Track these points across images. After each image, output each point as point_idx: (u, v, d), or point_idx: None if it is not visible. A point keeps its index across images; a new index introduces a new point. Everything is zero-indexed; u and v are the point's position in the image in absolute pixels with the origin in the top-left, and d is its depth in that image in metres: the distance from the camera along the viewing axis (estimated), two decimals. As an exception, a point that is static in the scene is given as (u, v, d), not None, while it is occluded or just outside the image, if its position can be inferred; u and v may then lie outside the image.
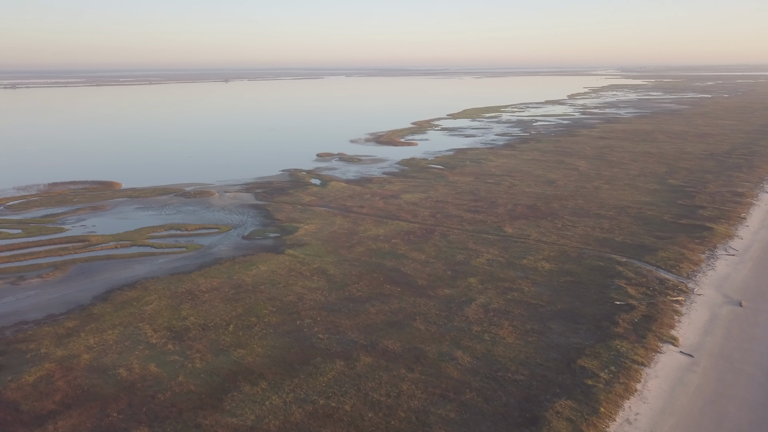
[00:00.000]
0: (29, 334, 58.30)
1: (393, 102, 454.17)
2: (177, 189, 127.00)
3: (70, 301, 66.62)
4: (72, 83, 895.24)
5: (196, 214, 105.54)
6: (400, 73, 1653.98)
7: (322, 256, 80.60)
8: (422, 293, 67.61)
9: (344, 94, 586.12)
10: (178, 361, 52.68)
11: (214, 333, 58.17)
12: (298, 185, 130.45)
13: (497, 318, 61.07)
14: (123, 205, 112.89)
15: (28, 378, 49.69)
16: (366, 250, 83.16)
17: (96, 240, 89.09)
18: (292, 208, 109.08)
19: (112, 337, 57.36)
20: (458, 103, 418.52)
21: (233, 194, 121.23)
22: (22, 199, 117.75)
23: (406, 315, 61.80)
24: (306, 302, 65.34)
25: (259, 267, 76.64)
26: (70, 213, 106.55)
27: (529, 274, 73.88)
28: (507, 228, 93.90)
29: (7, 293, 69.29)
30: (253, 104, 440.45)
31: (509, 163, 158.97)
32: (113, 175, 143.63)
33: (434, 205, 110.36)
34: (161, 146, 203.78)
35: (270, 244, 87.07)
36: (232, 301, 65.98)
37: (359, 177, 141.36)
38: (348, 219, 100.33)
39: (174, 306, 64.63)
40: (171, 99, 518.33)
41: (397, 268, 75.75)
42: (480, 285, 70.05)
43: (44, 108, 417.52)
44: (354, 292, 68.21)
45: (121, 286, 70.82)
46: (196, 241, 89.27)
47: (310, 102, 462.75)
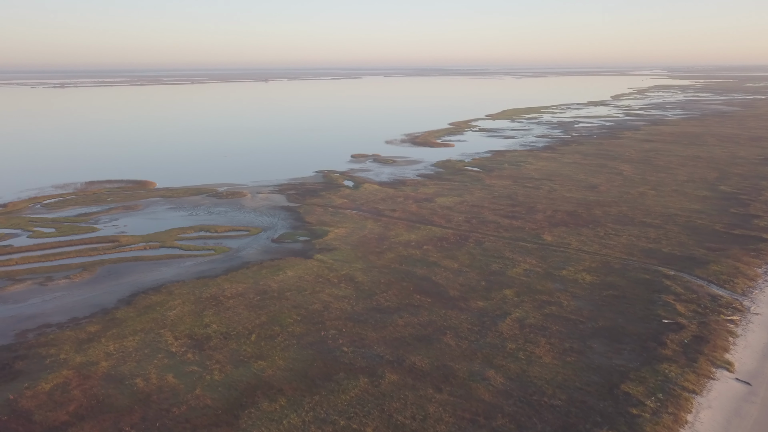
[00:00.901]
0: (51, 338, 57.32)
1: (431, 102, 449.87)
2: (210, 189, 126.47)
3: (95, 304, 65.64)
4: (117, 82, 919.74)
5: (227, 215, 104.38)
6: (440, 73, 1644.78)
7: (351, 262, 77.93)
8: (454, 305, 64.19)
9: (382, 94, 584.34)
10: (197, 372, 50.69)
11: (235, 342, 56.08)
12: (331, 187, 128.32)
13: (533, 334, 57.22)
14: (155, 205, 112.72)
15: (45, 386, 48.42)
16: (396, 257, 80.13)
17: (126, 241, 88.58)
18: (324, 210, 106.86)
19: (132, 344, 55.85)
20: (497, 103, 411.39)
21: (265, 195, 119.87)
22: (58, 198, 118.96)
23: (435, 328, 58.53)
24: (332, 311, 62.74)
25: (286, 272, 74.49)
26: (104, 212, 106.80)
27: (568, 286, 69.62)
28: (546, 235, 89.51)
29: (35, 294, 68.87)
30: (291, 104, 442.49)
31: (549, 166, 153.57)
32: (149, 174, 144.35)
33: (469, 209, 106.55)
34: (198, 146, 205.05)
35: (299, 248, 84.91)
36: (257, 308, 63.89)
37: (393, 179, 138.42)
38: (379, 223, 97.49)
39: (197, 312, 62.90)
40: (211, 98, 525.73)
41: (428, 277, 72.49)
42: (516, 297, 66.21)
43: (88, 107, 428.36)
44: (382, 301, 65.27)
45: (146, 290, 69.61)
46: (225, 244, 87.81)
47: (348, 102, 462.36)
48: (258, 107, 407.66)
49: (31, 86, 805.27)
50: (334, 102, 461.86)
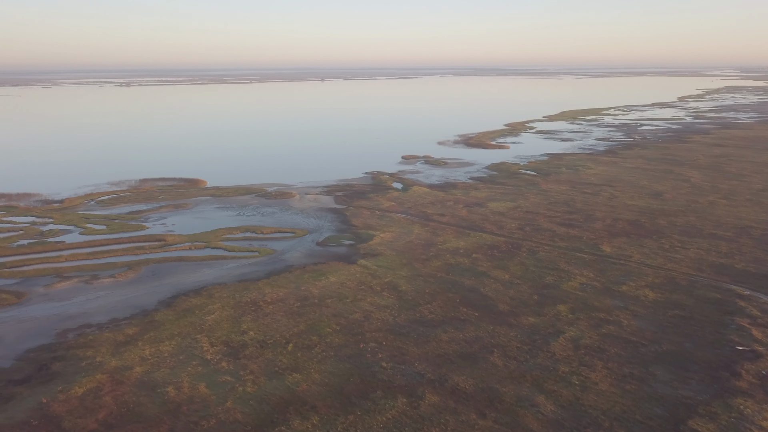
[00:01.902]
0: (90, 339, 56.86)
1: (486, 102, 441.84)
2: (259, 189, 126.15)
3: (135, 305, 65.11)
4: (179, 81, 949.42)
5: (274, 216, 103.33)
6: (497, 73, 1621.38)
7: (395, 269, 74.89)
8: (503, 320, 60.18)
9: (436, 94, 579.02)
10: (230, 382, 48.81)
11: (271, 351, 54.02)
12: (379, 189, 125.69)
13: (589, 357, 52.63)
14: (204, 204, 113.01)
15: (78, 390, 47.59)
16: (443, 265, 76.56)
17: (172, 240, 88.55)
18: (370, 213, 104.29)
19: (168, 349, 54.65)
20: (556, 104, 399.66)
21: (314, 196, 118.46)
22: (112, 195, 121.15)
23: (482, 346, 54.76)
24: (373, 322, 59.88)
25: (328, 278, 72.20)
26: (154, 210, 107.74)
27: (629, 303, 64.34)
28: (605, 246, 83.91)
29: (80, 292, 69.09)
30: (344, 104, 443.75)
31: (610, 171, 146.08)
32: (201, 173, 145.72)
33: (523, 216, 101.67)
34: (251, 145, 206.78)
35: (343, 253, 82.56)
36: (296, 315, 61.76)
37: (443, 182, 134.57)
38: (427, 228, 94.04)
39: (235, 317, 61.31)
40: (267, 97, 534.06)
41: (476, 289, 68.62)
42: (570, 314, 61.55)
43: (150, 104, 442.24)
44: (426, 313, 61.94)
45: (187, 292, 68.71)
46: (270, 246, 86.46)
47: (401, 102, 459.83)
48: (312, 106, 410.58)
49: (99, 84, 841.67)
50: (387, 102, 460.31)
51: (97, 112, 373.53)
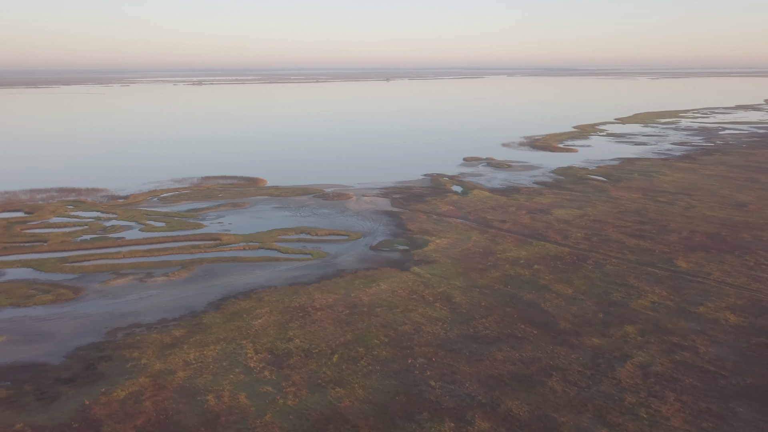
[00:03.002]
0: (138, 339, 56.63)
1: (555, 103, 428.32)
2: (317, 190, 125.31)
3: (185, 306, 64.73)
4: (249, 81, 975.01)
5: (329, 218, 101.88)
6: (568, 72, 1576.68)
7: (450, 279, 71.44)
8: (564, 340, 55.73)
9: (502, 94, 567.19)
10: (271, 393, 47.01)
11: (316, 362, 51.95)
12: (438, 192, 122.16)
13: (660, 387, 47.59)
14: (262, 204, 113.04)
15: (120, 392, 47.03)
16: (501, 276, 72.45)
17: (227, 239, 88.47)
18: (427, 217, 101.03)
19: (212, 354, 53.57)
20: (629, 106, 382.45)
21: (370, 198, 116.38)
22: (174, 192, 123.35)
23: (540, 368, 50.66)
24: (423, 335, 56.81)
25: (379, 284, 69.65)
26: (212, 209, 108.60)
27: (707, 327, 58.37)
28: (680, 261, 77.32)
29: (133, 290, 69.53)
30: (408, 104, 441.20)
31: (687, 178, 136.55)
32: (262, 172, 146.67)
33: (590, 225, 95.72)
34: (314, 144, 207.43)
35: (396, 258, 79.82)
36: (344, 323, 59.52)
37: (506, 186, 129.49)
38: (486, 235, 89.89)
39: (282, 323, 59.72)
40: (333, 97, 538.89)
41: (535, 303, 64.26)
42: (639, 337, 56.34)
43: (219, 103, 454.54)
44: (480, 328, 58.27)
45: (236, 294, 67.85)
46: (323, 248, 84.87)
47: (466, 102, 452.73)
48: (376, 106, 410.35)
49: (173, 83, 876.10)
50: (451, 101, 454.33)
51: (169, 109, 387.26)
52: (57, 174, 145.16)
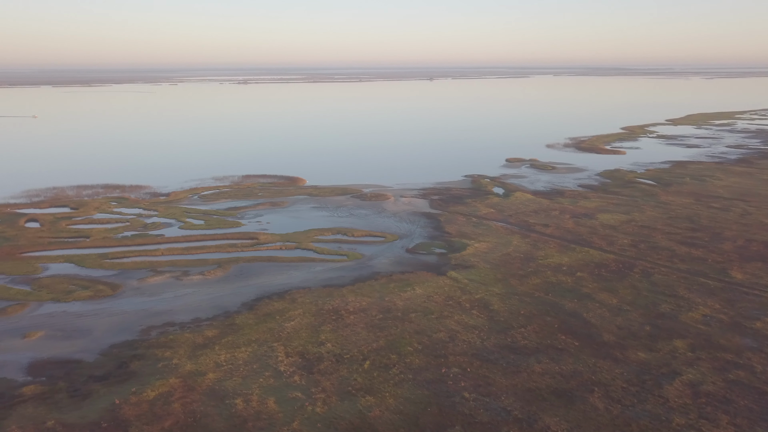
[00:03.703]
0: (170, 338, 56.55)
1: (603, 103, 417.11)
2: (355, 190, 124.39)
3: (219, 306, 64.51)
4: (293, 80, 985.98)
5: (366, 218, 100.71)
6: (616, 72, 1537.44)
7: (488, 285, 69.14)
8: (607, 353, 52.86)
9: (548, 94, 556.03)
10: (300, 399, 45.96)
11: (347, 368, 50.67)
12: (478, 194, 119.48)
13: (711, 408, 44.41)
14: (300, 203, 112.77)
15: (150, 393, 46.80)
16: (542, 283, 69.72)
17: (264, 239, 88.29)
18: (466, 220, 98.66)
19: (243, 356, 52.95)
20: (681, 106, 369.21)
21: (408, 199, 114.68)
22: (215, 190, 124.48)
23: (580, 382, 48.06)
24: (458, 343, 54.86)
25: (414, 289, 67.95)
26: (251, 207, 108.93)
27: (764, 344, 54.51)
28: (735, 272, 72.90)
29: (169, 288, 69.83)
30: (450, 103, 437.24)
31: (743, 183, 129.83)
32: (302, 171, 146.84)
33: (638, 231, 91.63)
34: (354, 143, 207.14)
35: (432, 262, 77.95)
36: (377, 328, 58.10)
37: (549, 188, 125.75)
38: (527, 240, 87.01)
39: (315, 326, 58.72)
40: (375, 96, 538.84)
41: (578, 313, 61.41)
42: (690, 352, 52.97)
43: (264, 102, 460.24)
44: (518, 338, 55.91)
45: (270, 294, 67.30)
46: (359, 250, 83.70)
47: (509, 102, 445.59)
48: (418, 105, 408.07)
49: (219, 82, 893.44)
50: (495, 101, 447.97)
51: (214, 108, 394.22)
52: (104, 170, 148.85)
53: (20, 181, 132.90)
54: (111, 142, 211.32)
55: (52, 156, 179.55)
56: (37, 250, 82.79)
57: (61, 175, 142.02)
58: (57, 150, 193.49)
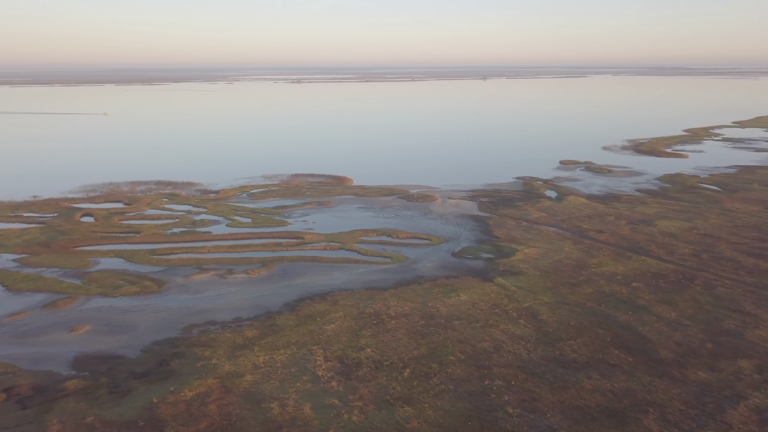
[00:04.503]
0: (211, 337, 56.45)
1: (664, 104, 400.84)
2: (402, 190, 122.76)
3: (261, 305, 64.18)
4: (346, 79, 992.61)
5: (412, 220, 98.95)
6: (679, 72, 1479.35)
7: (537, 293, 66.25)
8: (664, 372, 49.40)
9: (606, 94, 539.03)
10: (336, 407, 44.75)
11: (386, 375, 49.16)
12: (530, 197, 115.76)
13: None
14: (347, 203, 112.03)
15: (188, 393, 46.57)
16: (595, 293, 66.30)
17: (309, 238, 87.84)
18: (516, 224, 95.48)
19: (281, 358, 52.20)
20: (749, 108, 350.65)
21: (456, 201, 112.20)
22: (263, 188, 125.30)
23: (634, 402, 44.96)
24: (503, 354, 52.48)
25: (459, 295, 65.80)
26: (298, 206, 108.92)
27: (842, 369, 49.77)
28: (808, 287, 67.42)
29: (213, 286, 70.07)
30: (503, 103, 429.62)
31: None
32: (350, 170, 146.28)
33: (700, 239, 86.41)
34: (404, 143, 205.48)
35: (479, 267, 75.52)
36: (418, 335, 56.35)
37: (605, 192, 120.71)
38: (580, 246, 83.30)
39: (355, 330, 57.49)
40: (426, 96, 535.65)
41: (632, 326, 57.90)
42: (756, 374, 48.90)
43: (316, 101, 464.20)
44: (567, 351, 53.05)
45: (312, 295, 66.54)
46: (403, 252, 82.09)
47: (565, 102, 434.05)
48: (470, 105, 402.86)
49: (273, 81, 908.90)
50: (550, 101, 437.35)
51: (268, 106, 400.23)
52: (160, 166, 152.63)
53: (81, 176, 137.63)
54: (170, 139, 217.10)
55: (116, 152, 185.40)
56: (90, 245, 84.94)
57: (119, 170, 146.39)
58: (122, 146, 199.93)
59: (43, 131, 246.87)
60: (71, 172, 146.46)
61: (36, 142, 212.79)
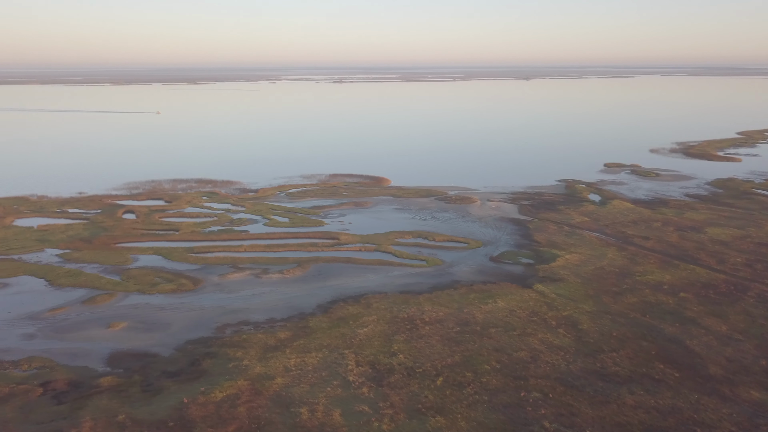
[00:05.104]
0: (243, 338, 56.25)
1: (716, 106, 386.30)
2: (440, 192, 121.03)
3: (294, 306, 63.79)
4: (387, 79, 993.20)
5: (449, 222, 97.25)
6: (732, 72, 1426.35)
7: (578, 302, 63.82)
8: (713, 389, 46.60)
9: (654, 95, 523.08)
10: (366, 414, 43.74)
11: (418, 383, 47.89)
12: (572, 200, 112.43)
13: (844, 468, 37.57)
14: (383, 204, 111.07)
15: (218, 394, 46.33)
16: (639, 303, 63.45)
17: (345, 239, 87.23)
18: (557, 228, 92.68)
19: (312, 362, 51.53)
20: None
21: (496, 204, 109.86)
22: (302, 188, 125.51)
23: (680, 421, 42.46)
24: (540, 365, 50.51)
25: (496, 301, 63.93)
26: (335, 207, 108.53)
27: None
28: None
29: (248, 286, 70.10)
30: (545, 104, 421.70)
31: None
32: (388, 171, 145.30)
33: (754, 248, 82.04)
34: (443, 143, 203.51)
35: (518, 273, 73.39)
36: (453, 342, 54.86)
37: (652, 197, 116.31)
38: (624, 253, 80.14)
39: (388, 335, 56.40)
40: (467, 96, 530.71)
41: (679, 339, 55.03)
42: (816, 396, 45.62)
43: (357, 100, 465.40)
44: (609, 364, 50.68)
45: (346, 298, 65.80)
46: (439, 255, 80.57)
47: (611, 102, 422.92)
48: (511, 106, 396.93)
49: (315, 81, 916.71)
50: (594, 102, 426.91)
51: (309, 106, 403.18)
52: (201, 164, 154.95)
53: (126, 173, 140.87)
54: (215, 138, 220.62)
55: (163, 149, 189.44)
56: (130, 241, 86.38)
57: (163, 168, 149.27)
58: (169, 144, 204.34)
59: (98, 129, 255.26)
60: (118, 169, 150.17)
61: (89, 139, 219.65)
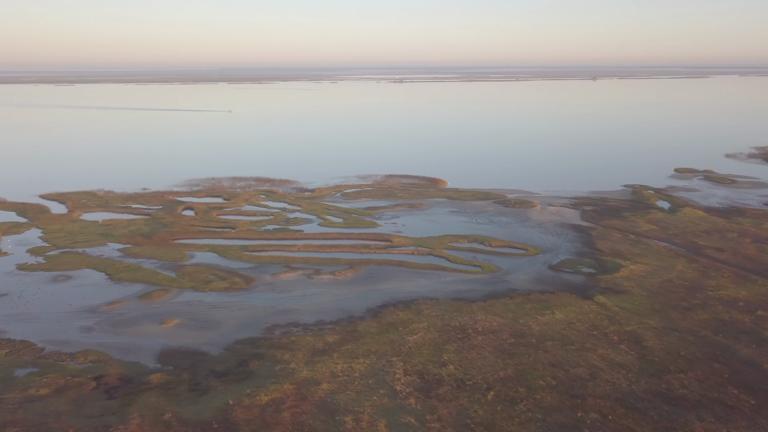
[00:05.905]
0: (292, 340, 55.75)
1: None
2: (498, 195, 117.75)
3: (344, 309, 62.91)
4: (447, 79, 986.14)
5: (507, 227, 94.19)
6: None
7: (643, 316, 59.95)
8: (795, 421, 42.34)
9: (730, 96, 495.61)
10: (412, 426, 42.14)
11: (467, 397, 45.86)
12: (638, 207, 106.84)
13: None
14: (438, 206, 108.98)
15: (264, 397, 45.82)
16: (711, 320, 58.97)
17: (398, 242, 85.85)
18: (622, 237, 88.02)
19: (360, 368, 50.35)
20: None
21: (557, 209, 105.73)
22: (357, 188, 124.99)
23: (756, 455, 38.69)
24: (599, 383, 47.44)
25: (554, 312, 60.93)
26: (389, 208, 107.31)
27: None
28: None
29: (299, 286, 69.80)
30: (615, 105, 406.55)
31: None
32: (444, 172, 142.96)
33: (842, 264, 75.17)
34: (503, 145, 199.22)
35: (578, 282, 69.89)
36: (506, 354, 52.44)
37: (726, 205, 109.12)
38: (694, 265, 75.05)
39: (438, 343, 54.57)
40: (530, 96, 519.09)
41: (756, 362, 50.58)
42: None
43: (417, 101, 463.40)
44: (676, 386, 47.04)
45: (396, 302, 64.36)
46: (495, 262, 77.93)
47: (684, 104, 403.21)
48: (578, 107, 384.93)
49: (376, 81, 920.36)
50: (665, 103, 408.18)
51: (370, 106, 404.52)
52: (261, 163, 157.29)
53: (189, 170, 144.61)
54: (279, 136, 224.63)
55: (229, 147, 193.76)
56: (188, 238, 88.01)
57: (225, 165, 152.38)
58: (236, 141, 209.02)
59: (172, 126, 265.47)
60: (182, 165, 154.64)
61: (160, 136, 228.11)
